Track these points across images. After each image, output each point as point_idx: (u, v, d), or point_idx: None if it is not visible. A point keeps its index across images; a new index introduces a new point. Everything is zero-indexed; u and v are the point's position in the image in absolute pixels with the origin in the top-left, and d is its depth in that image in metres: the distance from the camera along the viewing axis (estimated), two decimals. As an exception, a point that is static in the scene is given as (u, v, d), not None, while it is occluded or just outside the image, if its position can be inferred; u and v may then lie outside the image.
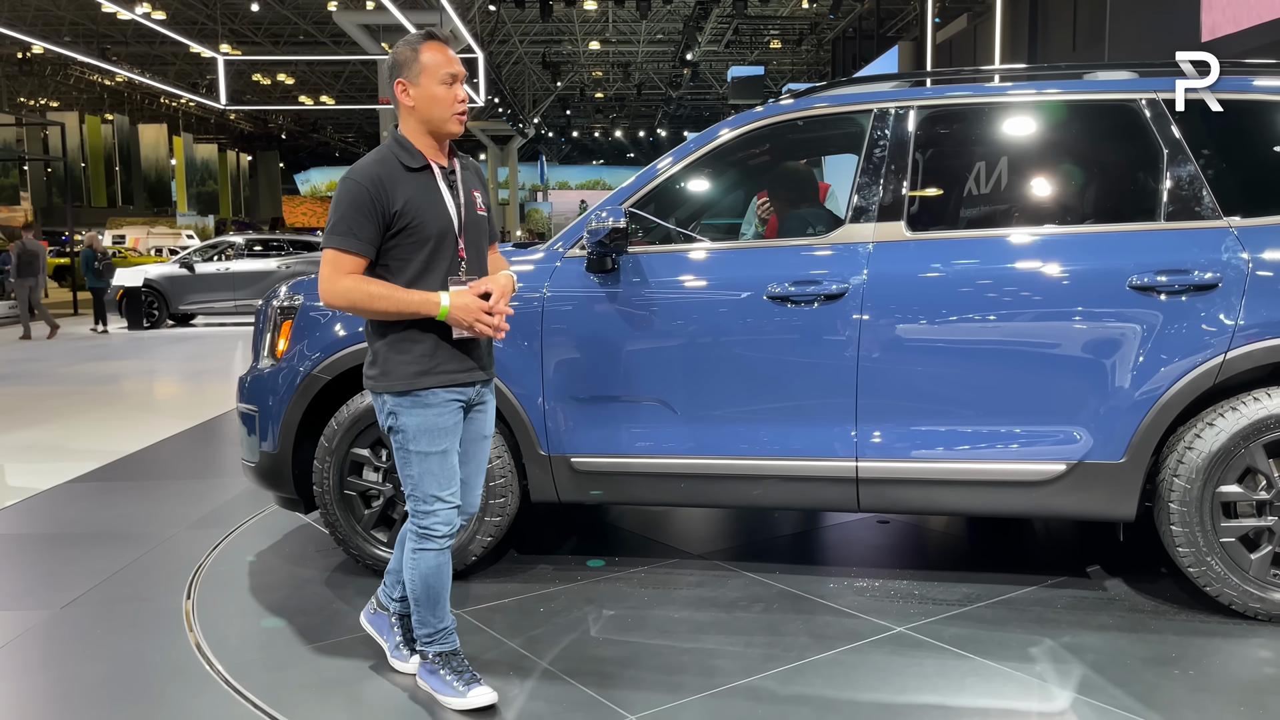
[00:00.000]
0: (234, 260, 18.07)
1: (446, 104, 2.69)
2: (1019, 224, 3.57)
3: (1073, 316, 3.35)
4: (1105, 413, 3.34)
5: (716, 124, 3.79)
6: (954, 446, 3.45)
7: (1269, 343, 3.23)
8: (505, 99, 35.15)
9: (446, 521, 2.77)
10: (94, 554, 4.27)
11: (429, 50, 2.70)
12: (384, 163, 2.68)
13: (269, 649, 3.26)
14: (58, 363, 12.71)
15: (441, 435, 2.73)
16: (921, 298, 3.44)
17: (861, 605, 3.51)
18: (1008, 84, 3.74)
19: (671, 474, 3.64)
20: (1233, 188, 3.40)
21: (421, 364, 2.70)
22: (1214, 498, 3.29)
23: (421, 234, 2.67)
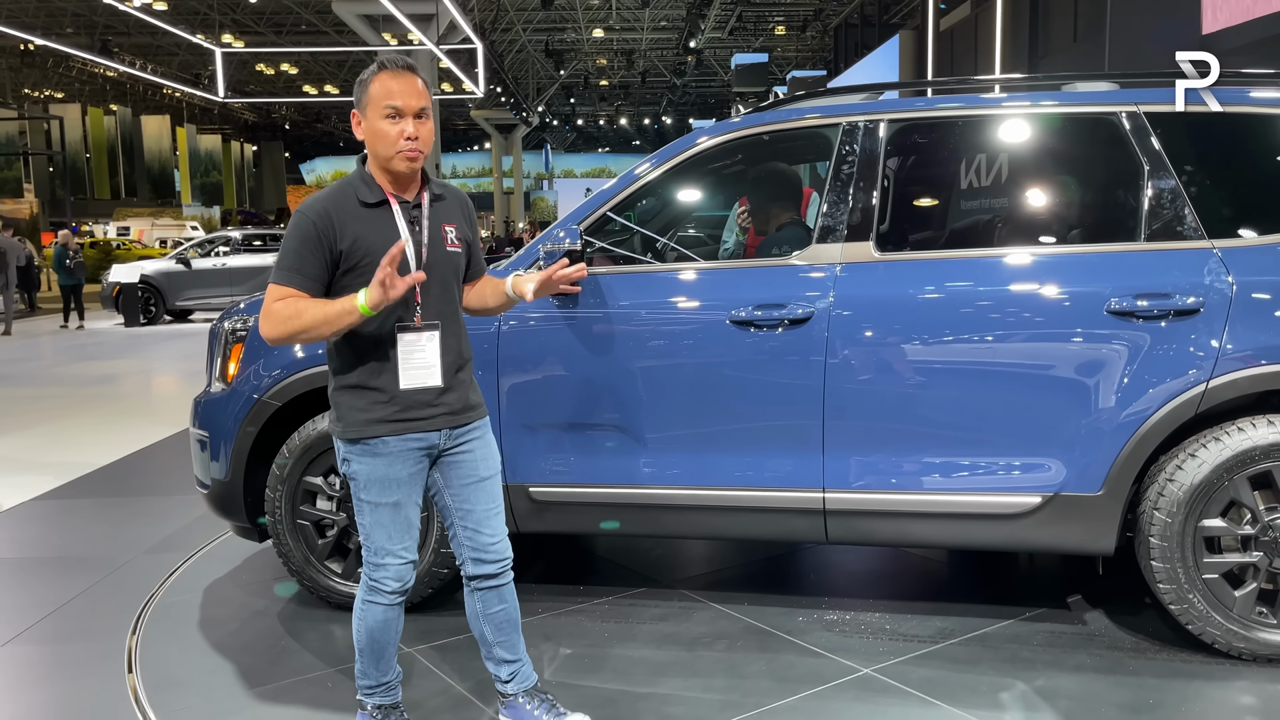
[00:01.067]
0: (230, 256, 17.97)
1: (390, 140, 2.47)
2: (993, 244, 3.41)
3: (1047, 342, 3.20)
4: (1081, 443, 3.19)
5: (676, 140, 3.64)
6: (924, 478, 3.30)
7: (1254, 371, 3.07)
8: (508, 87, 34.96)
9: (397, 577, 2.59)
10: (45, 582, 4.15)
11: (377, 81, 2.49)
12: (337, 197, 2.52)
13: (208, 694, 3.13)
14: (50, 362, 12.66)
15: (392, 486, 2.55)
16: (890, 323, 3.29)
17: (829, 642, 3.37)
18: (982, 96, 3.57)
19: (633, 504, 3.50)
20: (1217, 206, 3.23)
21: (374, 411, 2.53)
22: (1196, 532, 3.14)
23: (369, 274, 2.43)
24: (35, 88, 40.26)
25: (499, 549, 2.69)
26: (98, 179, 38.05)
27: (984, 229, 3.54)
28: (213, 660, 3.37)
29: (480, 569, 2.68)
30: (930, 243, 3.59)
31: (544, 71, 40.57)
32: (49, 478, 6.16)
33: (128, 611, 3.81)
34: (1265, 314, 3.08)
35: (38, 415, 8.61)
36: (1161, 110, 3.28)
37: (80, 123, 36.82)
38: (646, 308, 3.47)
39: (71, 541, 4.76)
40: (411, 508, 2.59)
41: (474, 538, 2.67)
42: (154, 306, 17.46)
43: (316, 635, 3.54)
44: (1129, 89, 3.38)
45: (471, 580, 2.70)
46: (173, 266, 17.71)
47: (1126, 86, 3.44)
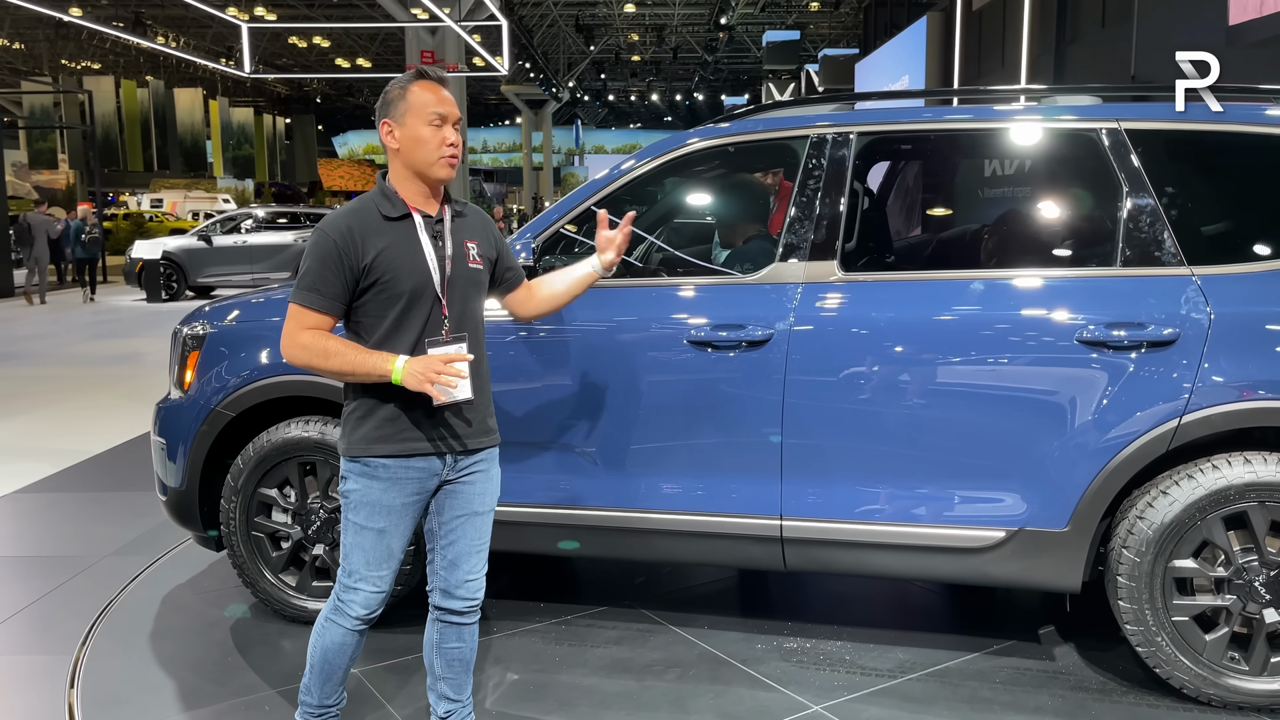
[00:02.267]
0: (252, 234, 18.02)
1: (433, 146, 2.44)
2: (962, 266, 3.26)
3: (1014, 371, 3.06)
4: (1047, 478, 3.05)
5: (642, 149, 3.51)
6: (884, 507, 3.18)
7: (1229, 407, 2.91)
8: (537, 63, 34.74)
9: (365, 605, 2.52)
10: (10, 585, 4.14)
11: (417, 89, 2.46)
12: (360, 212, 2.46)
13: (144, 715, 3.09)
14: (66, 339, 12.74)
15: (382, 513, 2.48)
16: (851, 347, 3.16)
17: (783, 674, 3.27)
18: (956, 109, 3.41)
19: (588, 526, 3.41)
20: (1198, 231, 3.07)
21: (380, 429, 2.45)
22: (1166, 572, 3.00)
23: (393, 290, 2.42)
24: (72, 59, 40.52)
25: (471, 588, 2.59)
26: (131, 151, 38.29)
27: (953, 249, 3.40)
28: (156, 677, 3.32)
29: (448, 603, 2.59)
30: (897, 263, 3.45)
31: (575, 47, 40.27)
32: (44, 465, 6.17)
33: (84, 618, 3.78)
34: (1244, 347, 2.92)
35: (44, 397, 8.66)
36: (1143, 127, 3.12)
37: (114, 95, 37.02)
38: (603, 324, 3.36)
39: (45, 540, 4.76)
40: (396, 538, 2.51)
41: (451, 572, 2.58)
42: (176, 283, 17.58)
43: (265, 651, 3.49)
44: (1110, 104, 3.22)
45: (436, 610, 2.62)
46: (195, 243, 17.80)
47: (1109, 101, 3.27)
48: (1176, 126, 3.12)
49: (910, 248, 3.50)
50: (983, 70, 16.55)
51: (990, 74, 16.13)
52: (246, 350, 3.61)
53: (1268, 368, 2.89)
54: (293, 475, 3.61)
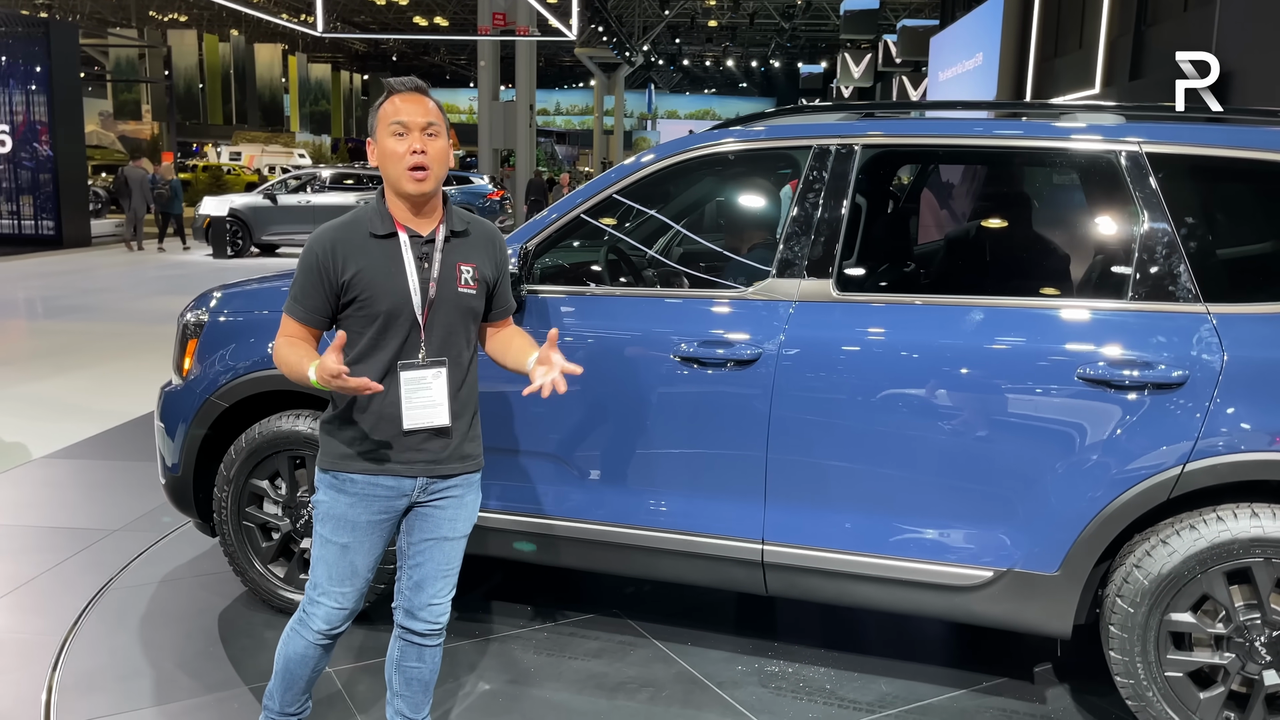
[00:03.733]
0: (315, 194, 18.23)
1: (396, 156, 2.35)
2: (962, 291, 3.09)
3: (1009, 406, 2.91)
4: (1039, 519, 2.91)
5: (639, 154, 3.40)
6: (869, 539, 3.07)
7: (1236, 458, 2.73)
8: (610, 26, 34.45)
9: (326, 620, 2.50)
10: (13, 558, 4.23)
11: (389, 101, 2.41)
12: (349, 226, 2.43)
13: (117, 704, 3.12)
14: (131, 294, 13.05)
15: (346, 528, 2.46)
16: (840, 372, 3.03)
17: (758, 701, 3.19)
18: (967, 123, 3.22)
19: (570, 538, 3.36)
20: (1216, 266, 2.87)
21: (353, 445, 2.44)
22: (1161, 625, 2.84)
23: (370, 309, 2.38)
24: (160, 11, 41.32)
25: (435, 611, 2.55)
26: (211, 105, 39.08)
27: (955, 273, 3.24)
28: (137, 664, 3.37)
29: (410, 623, 2.56)
30: (895, 285, 3.30)
31: (650, 10, 39.84)
32: (84, 425, 6.33)
33: (81, 596, 3.85)
34: (1259, 394, 2.73)
35: (98, 354, 8.88)
36: (1165, 150, 2.92)
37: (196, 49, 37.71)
38: (591, 334, 3.28)
39: (59, 511, 4.86)
40: (360, 555, 2.48)
41: (416, 594, 2.54)
42: (241, 239, 17.90)
43: (247, 644, 3.52)
44: (1132, 124, 3.02)
45: (399, 628, 2.59)
46: (260, 201, 18.08)
47: (1133, 120, 3.07)
48: (1202, 151, 2.91)
49: (909, 270, 3.34)
50: (1059, 50, 15.95)
51: (1066, 54, 15.53)
52: (240, 341, 3.61)
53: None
54: (283, 468, 3.61)
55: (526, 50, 25.89)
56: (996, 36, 16.92)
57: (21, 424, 6.60)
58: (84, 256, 17.93)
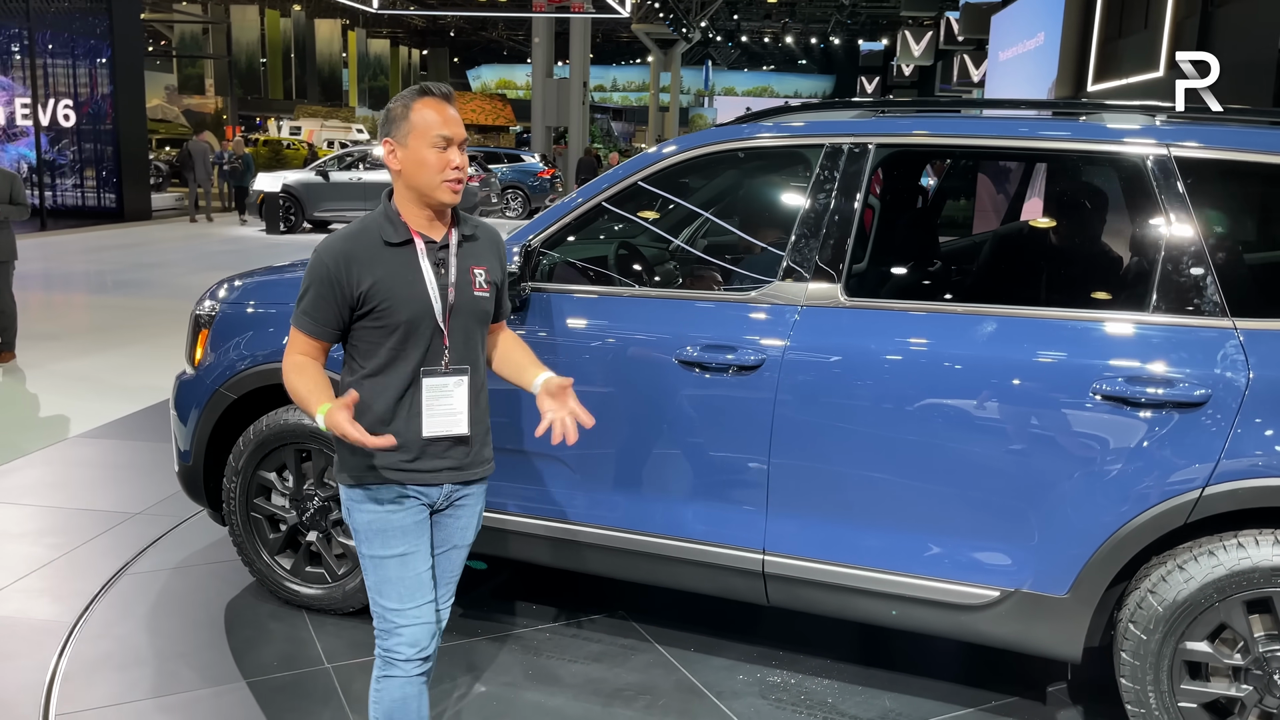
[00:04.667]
0: (367, 171, 18.35)
1: (435, 169, 2.28)
2: (975, 299, 2.96)
3: (1019, 422, 2.78)
4: (1048, 539, 2.79)
5: (647, 151, 3.32)
6: (872, 553, 2.97)
7: (1259, 483, 2.58)
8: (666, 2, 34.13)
9: (412, 643, 2.33)
10: (34, 540, 4.29)
11: (421, 108, 2.30)
12: (360, 235, 2.33)
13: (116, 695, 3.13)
14: (182, 269, 13.25)
15: (398, 536, 2.34)
16: (845, 381, 2.93)
17: (755, 713, 3.12)
18: (988, 122, 3.08)
19: (571, 540, 3.31)
20: (1246, 278, 2.72)
21: (376, 456, 2.32)
22: (1175, 653, 2.72)
23: (389, 319, 2.30)
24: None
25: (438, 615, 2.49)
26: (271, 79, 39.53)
27: (968, 280, 3.11)
28: (141, 653, 3.39)
29: None
30: (906, 291, 3.17)
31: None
32: (122, 404, 6.43)
33: (95, 581, 3.89)
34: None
35: (145, 330, 9.03)
36: (1196, 155, 2.76)
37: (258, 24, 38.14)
38: (593, 333, 3.22)
39: (88, 489, 4.93)
40: (420, 559, 2.37)
41: None
42: (294, 215, 18.10)
43: (251, 635, 3.53)
44: (1162, 126, 2.86)
45: None
46: (312, 178, 18.26)
47: (1169, 124, 2.91)
48: (1235, 156, 2.75)
49: (921, 276, 3.22)
50: (1123, 30, 15.43)
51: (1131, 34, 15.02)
52: (247, 333, 3.61)
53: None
54: (289, 461, 3.61)
55: (581, 27, 25.76)
56: (1059, 15, 16.41)
57: (62, 401, 6.74)
58: (143, 230, 18.28)
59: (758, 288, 3.09)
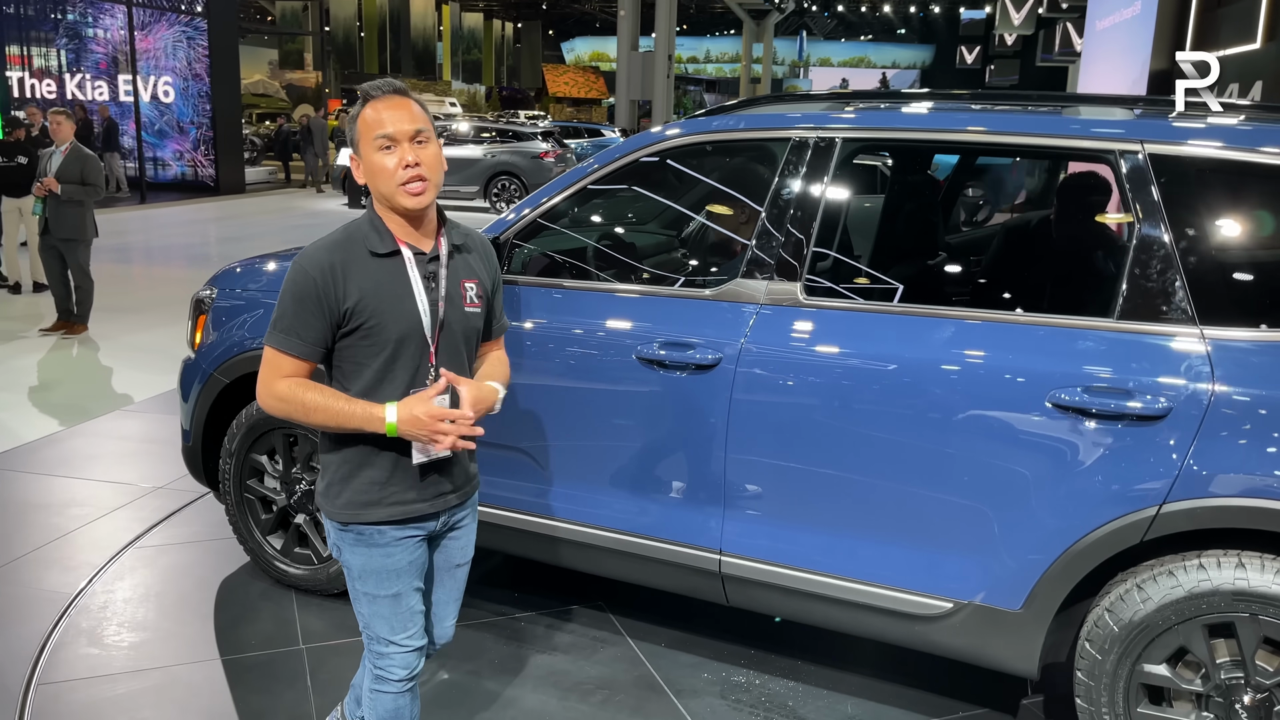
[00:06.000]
0: (445, 147, 18.56)
1: (387, 173, 2.11)
2: (936, 301, 2.86)
3: (974, 430, 2.68)
4: (1002, 552, 2.69)
5: (616, 146, 3.27)
6: (825, 558, 2.91)
7: (1219, 502, 2.44)
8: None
9: (404, 665, 2.32)
10: (56, 511, 4.49)
11: (366, 111, 2.15)
12: (345, 245, 2.17)
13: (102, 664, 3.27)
14: (261, 244, 13.63)
15: (393, 578, 2.25)
16: (800, 383, 2.86)
17: (710, 714, 3.09)
18: (957, 116, 2.94)
19: (537, 533, 3.32)
20: (1220, 284, 2.55)
21: (369, 493, 2.20)
22: (1132, 676, 2.60)
23: (378, 336, 2.15)
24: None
25: (443, 632, 2.48)
26: (367, 54, 40.26)
27: (930, 281, 2.99)
28: (130, 626, 3.53)
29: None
30: (866, 291, 3.07)
31: (803, -45, 38.63)
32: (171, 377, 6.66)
33: (104, 554, 4.06)
34: (1248, 433, 2.43)
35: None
36: (1171, 152, 2.60)
37: None
38: (557, 327, 3.21)
39: (118, 462, 5.14)
40: (413, 595, 2.30)
41: (429, 624, 2.43)
42: (374, 190, 18.44)
43: (237, 613, 3.65)
44: (1137, 121, 2.70)
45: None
46: (393, 153, 18.55)
47: (1144, 117, 2.75)
48: (1214, 154, 2.58)
49: (883, 275, 3.10)
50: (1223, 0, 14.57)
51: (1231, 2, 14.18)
52: (240, 319, 3.70)
53: (1273, 462, 2.40)
54: (279, 445, 3.70)
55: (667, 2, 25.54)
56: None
57: (122, 374, 7.03)
58: (236, 203, 18.90)
59: (720, 284, 3.04)
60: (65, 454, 5.28)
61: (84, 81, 21.78)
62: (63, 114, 7.65)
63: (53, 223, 7.62)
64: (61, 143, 7.56)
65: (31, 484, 4.82)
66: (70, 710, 3.04)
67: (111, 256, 11.87)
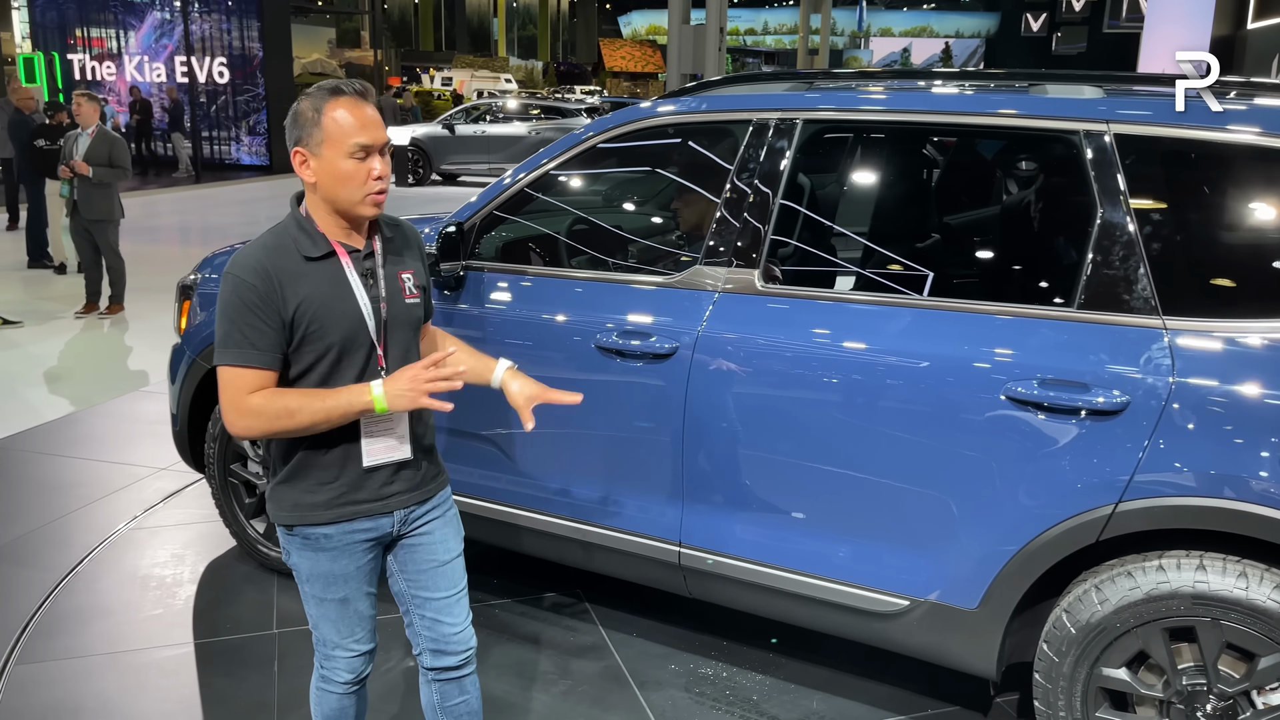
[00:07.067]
0: (491, 124, 18.63)
1: (357, 183, 2.04)
2: (894, 289, 2.76)
3: (929, 423, 2.59)
4: (957, 550, 2.61)
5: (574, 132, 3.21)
6: (782, 552, 2.85)
7: (1176, 501, 2.33)
8: (814, -57, 32.97)
9: (349, 669, 2.29)
10: (61, 491, 4.58)
11: (335, 112, 2.04)
12: (276, 251, 2.08)
13: (79, 646, 3.34)
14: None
15: (340, 582, 2.20)
16: (753, 373, 2.79)
17: (671, 707, 3.05)
18: (919, 96, 2.82)
19: (504, 522, 3.30)
20: (1185, 273, 2.42)
21: (317, 494, 2.14)
22: (1091, 679, 2.50)
23: (320, 342, 2.08)
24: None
25: (461, 639, 2.34)
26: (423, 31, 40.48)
27: (891, 268, 2.89)
28: (111, 608, 3.59)
29: (440, 660, 2.34)
30: (824, 279, 2.98)
31: (861, -77, 37.83)
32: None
33: (99, 534, 4.14)
34: (1208, 430, 2.30)
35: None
36: (1138, 132, 2.47)
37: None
38: (519, 315, 3.17)
39: (127, 443, 5.23)
40: (361, 600, 2.25)
41: (433, 628, 2.31)
42: (422, 168, 18.59)
43: (217, 597, 3.70)
44: (1105, 100, 2.56)
45: (429, 671, 2.36)
46: (439, 131, 18.67)
47: (1113, 95, 2.61)
48: (1182, 134, 2.44)
49: (844, 261, 3.00)
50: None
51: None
52: (219, 306, 3.72)
53: (1234, 461, 2.27)
54: (280, 545, 3.71)
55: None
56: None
57: (149, 354, 7.15)
58: (288, 183, 19.13)
59: (680, 271, 2.97)
60: (79, 434, 5.40)
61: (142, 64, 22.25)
62: (85, 96, 7.78)
63: (82, 205, 7.77)
64: (86, 125, 7.69)
65: (41, 464, 4.94)
66: (43, 690, 3.10)
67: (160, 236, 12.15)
